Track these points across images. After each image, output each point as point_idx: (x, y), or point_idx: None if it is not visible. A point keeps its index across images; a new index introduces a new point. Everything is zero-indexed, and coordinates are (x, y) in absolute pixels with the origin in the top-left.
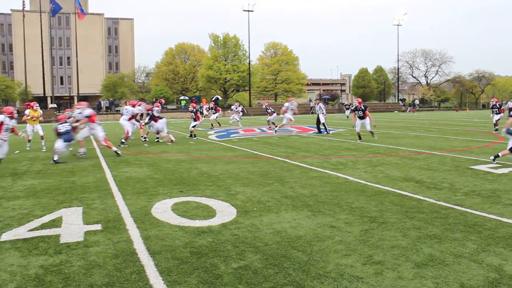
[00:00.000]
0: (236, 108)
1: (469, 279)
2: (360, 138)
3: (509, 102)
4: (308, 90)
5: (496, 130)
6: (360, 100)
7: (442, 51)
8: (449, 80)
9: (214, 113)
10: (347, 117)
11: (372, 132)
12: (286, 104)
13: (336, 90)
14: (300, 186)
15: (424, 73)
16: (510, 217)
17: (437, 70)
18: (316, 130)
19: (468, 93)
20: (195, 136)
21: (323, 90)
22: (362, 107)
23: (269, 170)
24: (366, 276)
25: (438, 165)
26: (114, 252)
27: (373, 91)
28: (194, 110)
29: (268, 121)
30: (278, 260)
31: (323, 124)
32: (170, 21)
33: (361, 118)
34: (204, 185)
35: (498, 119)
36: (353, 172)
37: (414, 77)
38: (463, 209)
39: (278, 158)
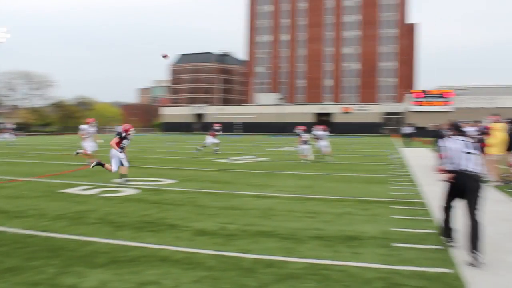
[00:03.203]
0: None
1: None
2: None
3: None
4: None
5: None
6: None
7: (45, 74)
8: (53, 104)
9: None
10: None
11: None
12: None
13: None
14: None
15: (26, 96)
16: (91, 235)
17: (39, 94)
18: None
19: (71, 118)
20: None
21: None
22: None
23: None
24: None
25: (29, 192)
26: None
27: None
28: None
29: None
30: None
31: None
32: None
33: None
34: None
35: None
36: None
37: (14, 100)
38: (48, 234)
39: None
